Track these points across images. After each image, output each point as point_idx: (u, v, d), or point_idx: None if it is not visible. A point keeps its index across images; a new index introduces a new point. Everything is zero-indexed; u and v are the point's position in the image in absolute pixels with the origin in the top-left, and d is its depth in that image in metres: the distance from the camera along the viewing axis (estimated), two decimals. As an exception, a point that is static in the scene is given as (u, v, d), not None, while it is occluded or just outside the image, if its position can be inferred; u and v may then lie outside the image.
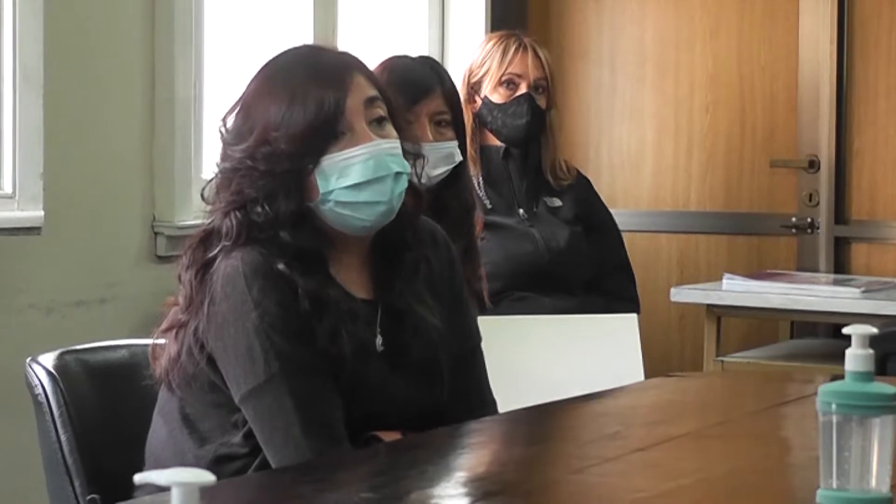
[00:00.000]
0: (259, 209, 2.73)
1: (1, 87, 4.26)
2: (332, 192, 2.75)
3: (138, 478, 1.30)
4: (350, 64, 2.85)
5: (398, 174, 2.79)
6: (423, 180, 3.27)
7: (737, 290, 5.13)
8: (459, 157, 3.91)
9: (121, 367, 3.01)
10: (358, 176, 2.75)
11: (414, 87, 3.91)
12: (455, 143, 3.92)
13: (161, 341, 2.80)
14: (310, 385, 2.72)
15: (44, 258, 4.32)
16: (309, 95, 2.75)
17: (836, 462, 2.13)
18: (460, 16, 5.89)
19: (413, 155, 2.89)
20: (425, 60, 4.12)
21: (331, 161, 2.75)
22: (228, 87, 4.72)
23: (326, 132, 2.75)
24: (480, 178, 4.80)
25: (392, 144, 2.81)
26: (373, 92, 2.82)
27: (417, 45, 5.71)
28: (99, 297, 4.42)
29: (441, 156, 3.87)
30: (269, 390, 2.69)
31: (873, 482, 2.13)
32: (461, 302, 3.02)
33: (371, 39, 5.44)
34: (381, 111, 2.82)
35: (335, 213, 2.77)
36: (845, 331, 2.21)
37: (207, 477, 1.25)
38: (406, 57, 4.09)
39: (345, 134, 2.76)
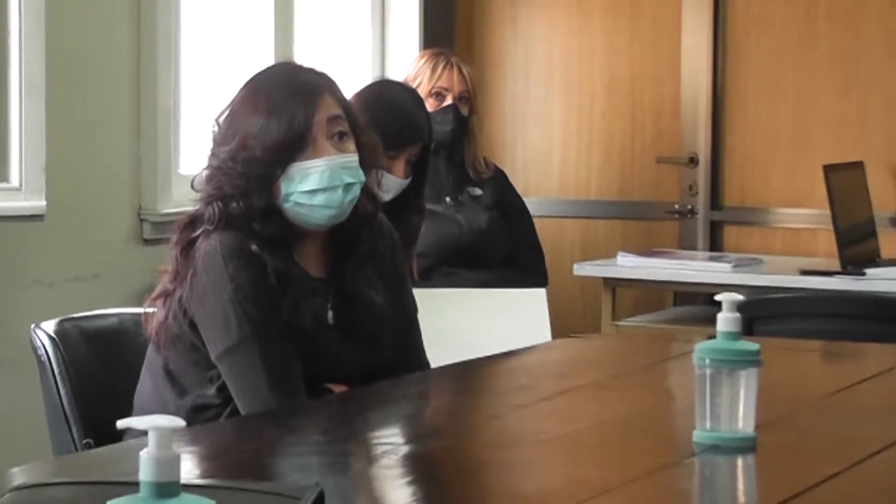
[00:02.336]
0: (235, 204, 2.78)
1: (9, 95, 4.25)
2: (292, 193, 2.80)
3: (121, 423, 1.31)
4: (321, 84, 2.88)
5: (349, 184, 2.83)
6: (386, 191, 3.36)
7: (629, 265, 5.14)
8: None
9: (111, 332, 3.02)
10: (314, 184, 2.79)
11: (410, 133, 3.95)
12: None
13: (151, 309, 2.83)
14: (275, 347, 2.75)
15: (46, 241, 4.32)
16: (284, 111, 2.79)
17: (710, 408, 2.16)
18: (398, 35, 5.87)
19: (369, 165, 2.91)
20: (423, 110, 4.13)
21: (295, 168, 2.79)
22: (202, 97, 4.74)
23: (295, 144, 2.79)
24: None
25: (348, 159, 2.83)
26: (337, 111, 2.85)
27: (362, 60, 5.71)
28: (93, 273, 4.41)
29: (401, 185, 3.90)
30: (241, 350, 2.73)
31: (740, 424, 2.17)
32: (403, 282, 3.05)
33: (322, 55, 5.42)
34: (342, 127, 2.85)
35: (294, 211, 2.81)
36: (717, 298, 2.24)
37: (179, 422, 1.25)
38: (413, 100, 4.11)
39: (309, 146, 2.78)
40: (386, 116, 3.78)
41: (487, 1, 6.06)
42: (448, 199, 4.83)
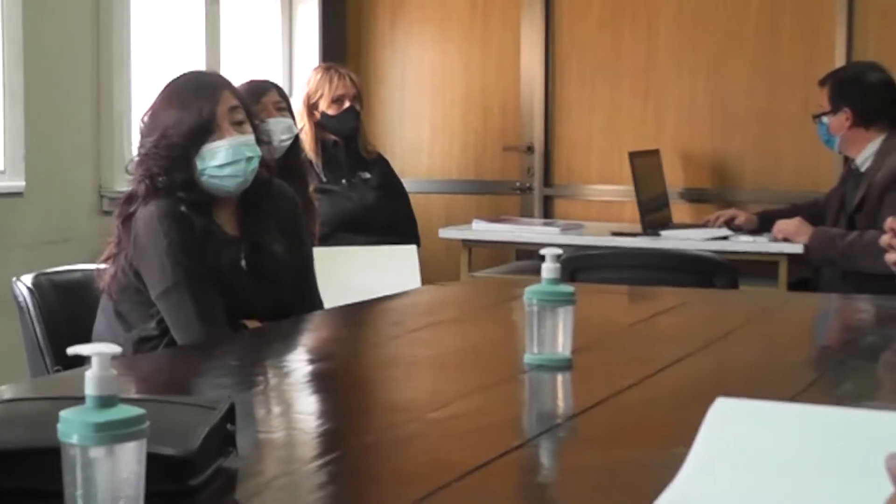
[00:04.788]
0: (161, 179, 2.78)
1: (-4, 100, 4.21)
2: (206, 168, 2.81)
3: (70, 350, 1.28)
4: (221, 83, 2.90)
5: (250, 158, 2.84)
6: (276, 144, 3.42)
7: (482, 229, 5.15)
8: (296, 129, 4.00)
9: (77, 283, 2.99)
10: (222, 159, 2.80)
11: (261, 89, 4.00)
12: (290, 120, 3.99)
13: (103, 266, 2.83)
14: (202, 288, 2.74)
15: (26, 213, 4.28)
16: (193, 105, 2.80)
17: (536, 336, 2.17)
18: (301, 51, 5.84)
19: (264, 143, 2.91)
20: (268, 81, 4.20)
21: (206, 149, 2.80)
22: (150, 99, 4.68)
23: (204, 131, 2.80)
24: (320, 162, 4.80)
25: (247, 138, 2.85)
26: (235, 102, 2.86)
27: (274, 70, 5.67)
28: (63, 238, 4.38)
29: (283, 127, 3.96)
30: (175, 291, 2.72)
31: (560, 348, 2.17)
32: (300, 235, 3.04)
33: (242, 64, 5.39)
34: (240, 116, 2.86)
35: (210, 182, 2.82)
36: (541, 252, 2.24)
37: (116, 349, 1.23)
38: (257, 79, 4.18)
39: (215, 131, 2.79)
40: (248, 90, 3.86)
41: (372, 26, 6.03)
42: (344, 181, 4.84)
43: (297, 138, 4.05)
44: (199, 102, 2.79)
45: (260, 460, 1.63)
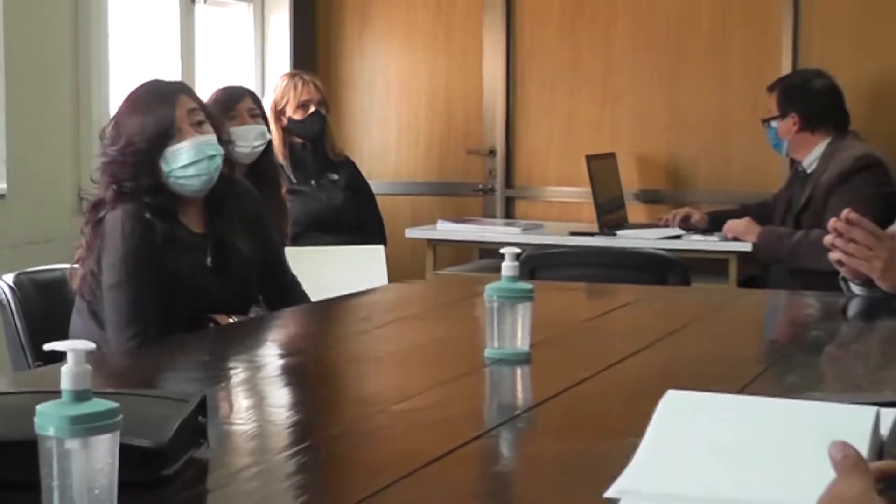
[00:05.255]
0: (128, 184, 2.77)
1: (-23, 108, 4.18)
2: (172, 170, 2.80)
3: (47, 346, 1.29)
4: (178, 89, 2.89)
5: (212, 156, 2.83)
6: (249, 150, 3.36)
7: (446, 229, 5.14)
8: (269, 136, 3.99)
9: (57, 282, 2.95)
10: (186, 159, 2.80)
11: (236, 96, 4.01)
12: (263, 126, 3.99)
13: (76, 266, 2.81)
14: (143, 295, 2.69)
15: (9, 214, 4.25)
16: (154, 111, 2.79)
17: (496, 331, 2.17)
18: (274, 58, 5.82)
19: (226, 142, 2.92)
20: (243, 88, 4.20)
21: (169, 152, 2.79)
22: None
23: (165, 134, 2.79)
24: (289, 164, 4.79)
25: (207, 137, 2.84)
26: (193, 105, 2.86)
27: (247, 77, 5.65)
28: (45, 238, 4.34)
29: (256, 133, 3.95)
30: (117, 289, 2.70)
31: (519, 343, 2.17)
32: (266, 230, 3.04)
33: (216, 73, 5.37)
34: (199, 117, 2.85)
35: (176, 184, 2.81)
36: (501, 251, 2.25)
37: (90, 345, 1.24)
38: (232, 86, 4.19)
39: (176, 134, 2.79)
40: (224, 96, 4.00)
41: (341, 34, 6.01)
42: (313, 182, 4.83)
43: (270, 143, 4.04)
44: (158, 108, 2.79)
45: (230, 451, 1.63)
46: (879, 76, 5.21)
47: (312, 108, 4.83)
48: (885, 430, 1.49)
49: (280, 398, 2.07)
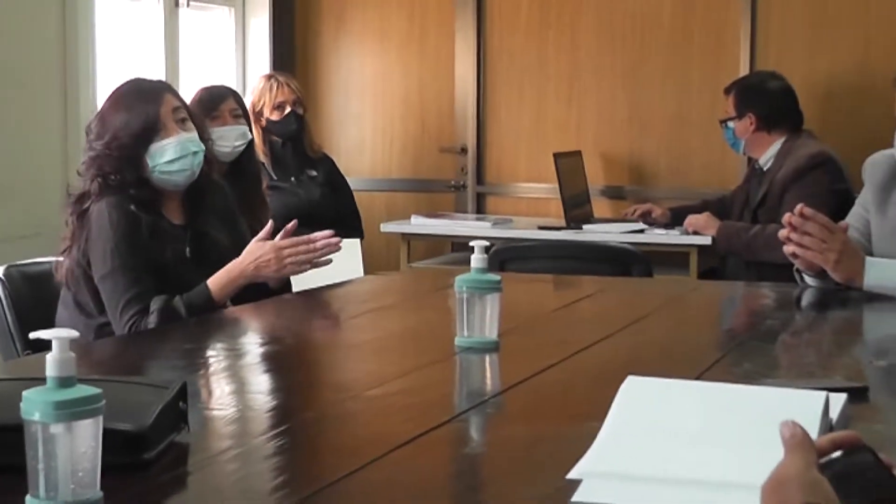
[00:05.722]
0: (113, 177, 2.77)
1: (-31, 108, 4.17)
2: (157, 165, 2.81)
3: (32, 335, 1.28)
4: (161, 87, 2.90)
5: (195, 152, 2.84)
6: (229, 150, 3.39)
7: (420, 224, 5.15)
8: (250, 136, 3.97)
9: (45, 274, 2.95)
10: (171, 155, 2.80)
11: (219, 96, 3.98)
12: (245, 126, 3.96)
13: (60, 259, 2.81)
14: (136, 281, 2.71)
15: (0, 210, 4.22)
16: (139, 108, 2.79)
17: (466, 321, 2.16)
18: (254, 59, 5.80)
19: (206, 139, 2.93)
20: (225, 87, 4.17)
21: (154, 147, 2.79)
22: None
23: (150, 131, 2.80)
24: (269, 162, 4.78)
25: (191, 134, 2.85)
26: (177, 103, 2.87)
27: (228, 77, 5.62)
28: (34, 232, 4.31)
29: (238, 133, 3.93)
30: (111, 277, 2.70)
31: (487, 332, 2.17)
32: (237, 223, 3.04)
33: (200, 73, 5.35)
34: (183, 115, 2.87)
35: (159, 178, 2.80)
36: (471, 244, 2.24)
37: (73, 333, 1.23)
38: (215, 86, 4.14)
39: (160, 131, 2.78)
40: (206, 96, 3.97)
41: (319, 37, 6.00)
42: (292, 178, 4.82)
43: (251, 142, 4.02)
44: (143, 106, 2.80)
45: (210, 435, 1.62)
46: (832, 78, 5.23)
47: (288, 109, 4.82)
48: (834, 415, 1.50)
49: (259, 384, 2.07)
